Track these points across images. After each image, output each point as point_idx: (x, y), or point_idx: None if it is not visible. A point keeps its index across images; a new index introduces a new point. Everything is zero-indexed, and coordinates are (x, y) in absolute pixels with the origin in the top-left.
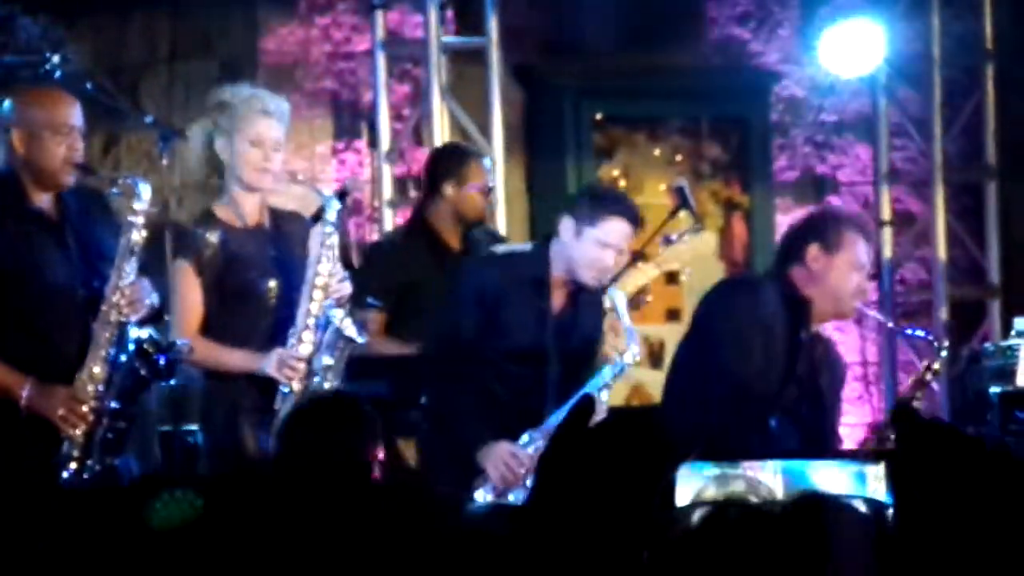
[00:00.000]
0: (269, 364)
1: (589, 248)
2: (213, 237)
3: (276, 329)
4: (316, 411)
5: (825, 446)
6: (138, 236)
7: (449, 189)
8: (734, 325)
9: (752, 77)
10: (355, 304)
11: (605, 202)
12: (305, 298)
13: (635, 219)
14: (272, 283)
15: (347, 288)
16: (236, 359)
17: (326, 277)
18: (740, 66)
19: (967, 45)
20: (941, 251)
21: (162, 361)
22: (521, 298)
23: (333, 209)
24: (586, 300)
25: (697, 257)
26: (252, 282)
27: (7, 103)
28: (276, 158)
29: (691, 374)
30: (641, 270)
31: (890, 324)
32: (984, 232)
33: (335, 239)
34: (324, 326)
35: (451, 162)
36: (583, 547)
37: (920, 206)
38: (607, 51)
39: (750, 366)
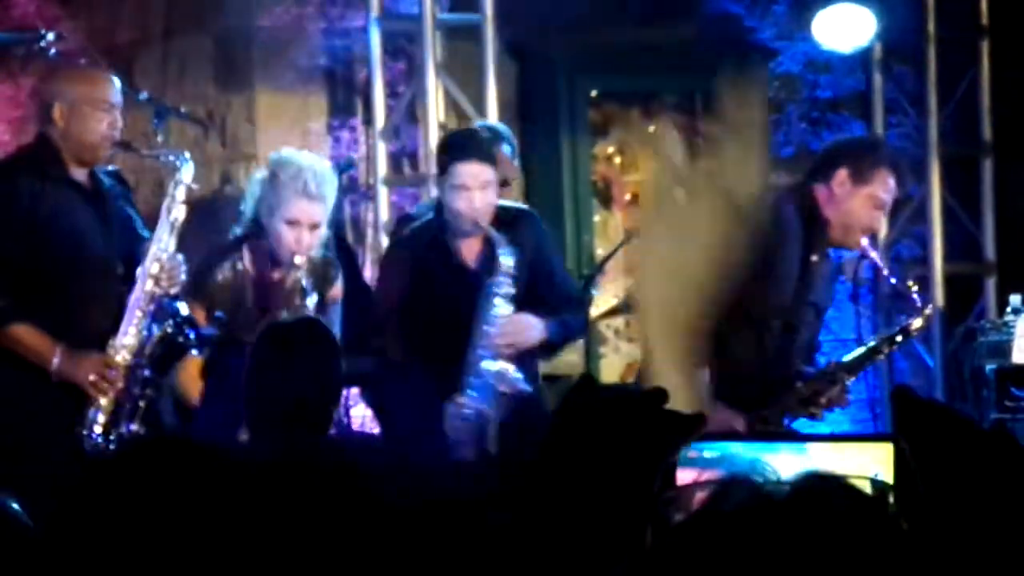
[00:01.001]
0: None
1: (450, 197)
2: (229, 270)
3: None
4: (287, 333)
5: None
6: (178, 212)
7: None
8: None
9: (747, 53)
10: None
11: (448, 151)
12: None
13: (480, 154)
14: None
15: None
16: None
17: None
18: (735, 42)
19: (962, 20)
20: (936, 227)
21: (193, 335)
22: (436, 268)
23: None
24: (499, 241)
25: None
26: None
27: (47, 80)
28: (311, 234)
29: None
30: None
31: (885, 271)
32: (980, 208)
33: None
34: None
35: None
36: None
37: (915, 183)
38: (602, 27)
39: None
